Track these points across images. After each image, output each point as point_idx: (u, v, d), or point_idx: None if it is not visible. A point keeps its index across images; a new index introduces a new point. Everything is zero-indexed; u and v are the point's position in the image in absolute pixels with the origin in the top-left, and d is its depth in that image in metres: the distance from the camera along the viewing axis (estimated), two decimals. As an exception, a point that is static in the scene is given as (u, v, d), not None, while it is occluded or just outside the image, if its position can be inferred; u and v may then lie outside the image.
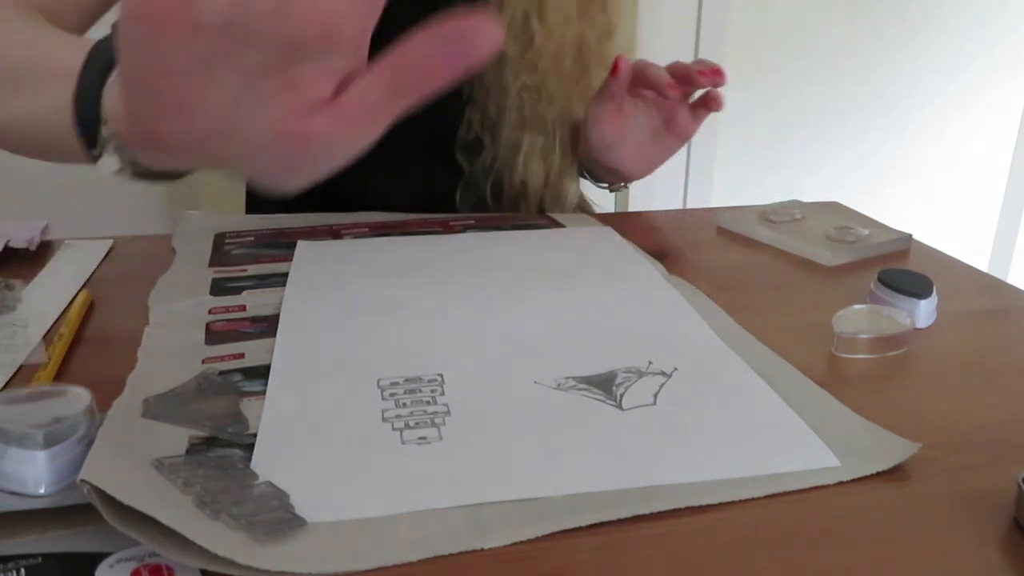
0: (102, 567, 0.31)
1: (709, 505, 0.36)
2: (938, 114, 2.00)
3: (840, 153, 1.94)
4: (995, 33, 1.97)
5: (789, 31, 1.83)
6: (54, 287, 0.58)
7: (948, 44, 1.95)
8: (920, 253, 0.69)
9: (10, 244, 0.63)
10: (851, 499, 0.37)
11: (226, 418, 0.41)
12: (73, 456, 0.34)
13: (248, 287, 0.58)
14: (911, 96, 1.96)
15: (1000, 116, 2.06)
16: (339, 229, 0.69)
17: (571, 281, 0.59)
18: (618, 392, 0.44)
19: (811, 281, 0.63)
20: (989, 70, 1.99)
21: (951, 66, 1.96)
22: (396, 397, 0.43)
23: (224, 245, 0.66)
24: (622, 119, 0.73)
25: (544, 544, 0.33)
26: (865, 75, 1.91)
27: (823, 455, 0.39)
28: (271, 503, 0.34)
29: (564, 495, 0.36)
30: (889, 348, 0.51)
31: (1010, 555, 0.34)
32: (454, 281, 0.59)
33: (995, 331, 0.56)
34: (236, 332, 0.51)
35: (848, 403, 0.44)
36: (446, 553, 0.33)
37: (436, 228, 0.70)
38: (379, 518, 0.34)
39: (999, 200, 2.15)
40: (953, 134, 2.03)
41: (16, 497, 0.34)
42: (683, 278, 0.60)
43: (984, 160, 2.09)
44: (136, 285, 0.57)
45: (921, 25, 1.91)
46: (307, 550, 0.32)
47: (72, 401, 0.36)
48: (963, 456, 0.40)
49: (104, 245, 0.67)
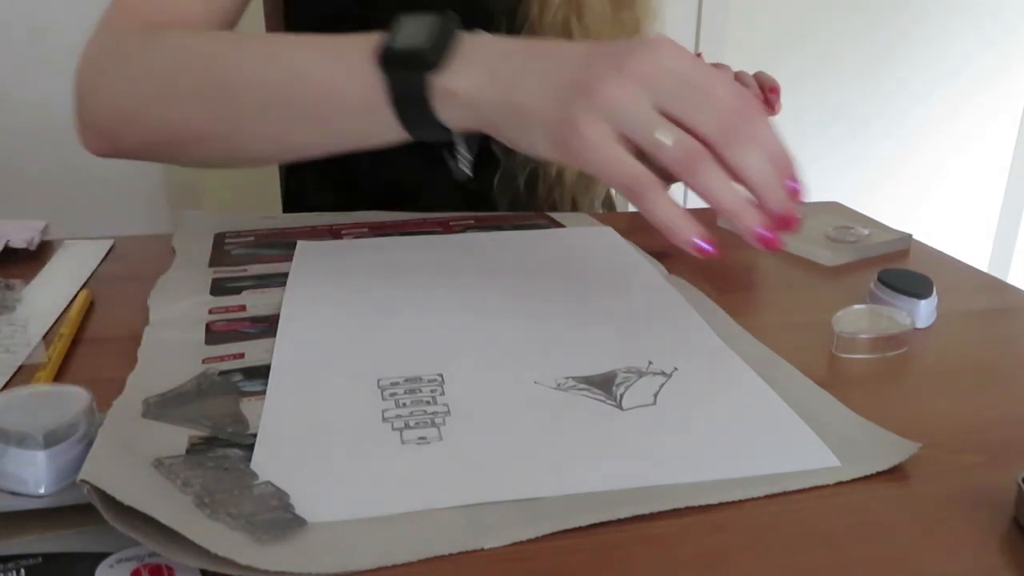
0: (102, 567, 0.31)
1: (709, 505, 0.36)
2: (938, 113, 2.00)
3: (840, 153, 1.94)
4: (995, 31, 1.97)
5: (788, 31, 1.83)
6: (54, 287, 0.58)
7: (948, 42, 1.95)
8: (920, 253, 0.69)
9: (10, 244, 0.63)
10: (851, 499, 0.37)
11: (226, 418, 0.41)
12: (73, 456, 0.34)
13: (248, 287, 0.58)
14: (911, 95, 1.96)
15: (1000, 115, 2.06)
16: (339, 229, 0.69)
17: (571, 281, 0.59)
18: (618, 392, 0.44)
19: (811, 281, 0.63)
20: (989, 68, 1.99)
21: (951, 64, 1.96)
22: (396, 397, 0.43)
23: (224, 245, 0.66)
24: None
25: (544, 544, 0.33)
26: (865, 74, 1.91)
27: (823, 455, 0.39)
28: (271, 503, 0.34)
29: (564, 495, 0.36)
30: (889, 348, 0.51)
31: (1010, 555, 0.34)
32: (454, 281, 0.59)
33: (995, 331, 0.56)
34: (236, 332, 0.51)
35: (848, 403, 0.44)
36: (446, 553, 0.33)
37: (436, 228, 0.70)
38: (379, 518, 0.34)
39: (999, 200, 2.15)
40: (953, 133, 2.03)
41: (16, 497, 0.34)
42: (683, 278, 0.60)
43: (984, 159, 2.09)
44: (136, 285, 0.57)
45: (920, 23, 1.91)
46: (307, 550, 0.32)
47: (72, 401, 0.36)
48: (963, 456, 0.40)
49: (104, 245, 0.67)
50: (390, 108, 0.48)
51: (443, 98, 0.47)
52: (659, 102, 0.42)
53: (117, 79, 0.57)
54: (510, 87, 0.45)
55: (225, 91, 0.52)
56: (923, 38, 1.93)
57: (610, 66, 0.43)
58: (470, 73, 0.46)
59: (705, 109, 0.42)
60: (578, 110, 0.42)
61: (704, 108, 0.42)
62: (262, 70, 0.51)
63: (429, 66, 0.46)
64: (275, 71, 0.51)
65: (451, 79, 0.46)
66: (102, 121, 0.58)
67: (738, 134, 0.42)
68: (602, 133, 0.42)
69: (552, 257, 0.65)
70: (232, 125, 0.53)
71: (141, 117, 0.56)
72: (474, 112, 0.47)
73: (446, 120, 0.48)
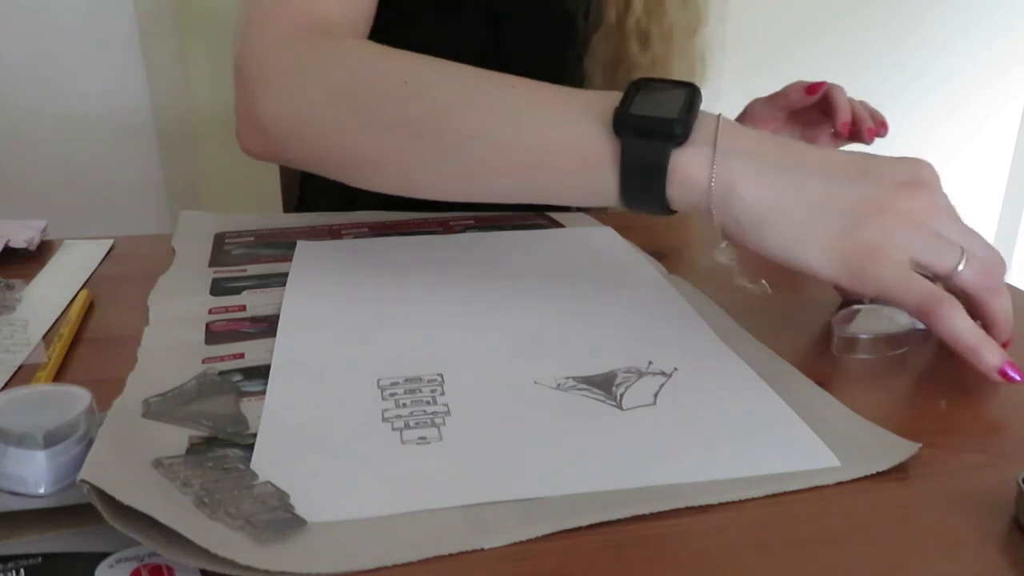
0: (102, 567, 0.31)
1: (709, 505, 0.36)
2: (938, 113, 2.00)
3: (840, 153, 1.94)
4: (994, 29, 1.97)
5: (787, 31, 1.83)
6: (54, 287, 0.58)
7: (947, 42, 1.95)
8: (920, 253, 0.69)
9: (10, 244, 0.63)
10: (851, 499, 0.37)
11: (226, 418, 0.41)
12: (73, 456, 0.34)
13: (248, 287, 0.58)
14: (911, 95, 1.96)
15: (1000, 115, 2.06)
16: (339, 229, 0.70)
17: (571, 281, 0.59)
18: (618, 392, 0.44)
19: (811, 281, 0.63)
20: (989, 68, 1.99)
21: (951, 65, 1.96)
22: (396, 397, 0.43)
23: (224, 245, 0.66)
24: (777, 126, 0.76)
25: (544, 544, 0.33)
26: (865, 74, 1.91)
27: (823, 455, 0.39)
28: (271, 503, 0.34)
29: (564, 495, 0.36)
30: (889, 348, 0.51)
31: (1010, 555, 0.34)
32: (454, 281, 0.59)
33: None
34: (236, 332, 0.51)
35: (848, 403, 0.44)
36: (446, 553, 0.33)
37: (436, 228, 0.70)
38: (379, 518, 0.34)
39: (999, 200, 2.15)
40: (953, 133, 2.03)
41: (16, 497, 0.34)
42: (683, 278, 0.60)
43: (984, 159, 2.09)
44: (136, 285, 0.57)
45: (919, 21, 1.92)
46: (307, 550, 0.32)
47: (72, 401, 0.36)
48: (963, 456, 0.40)
49: (104, 245, 0.67)
50: (614, 174, 0.46)
51: (682, 175, 0.45)
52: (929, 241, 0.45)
53: (304, 87, 0.54)
54: (781, 191, 0.44)
55: (432, 130, 0.49)
56: (923, 38, 1.93)
57: (894, 198, 0.44)
58: (728, 159, 0.44)
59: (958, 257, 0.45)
60: (876, 237, 0.44)
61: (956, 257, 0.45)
62: (478, 116, 0.49)
63: (672, 137, 0.44)
64: (492, 120, 0.48)
65: (697, 158, 0.44)
66: (273, 127, 0.55)
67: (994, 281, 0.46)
68: (901, 263, 0.44)
69: (552, 257, 0.65)
70: (428, 163, 0.51)
71: (325, 134, 0.53)
72: (710, 201, 0.45)
73: (673, 198, 0.46)
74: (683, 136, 0.44)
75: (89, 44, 1.60)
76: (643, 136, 0.44)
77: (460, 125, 0.49)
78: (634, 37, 0.77)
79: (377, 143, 0.51)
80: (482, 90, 0.50)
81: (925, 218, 0.44)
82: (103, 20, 1.59)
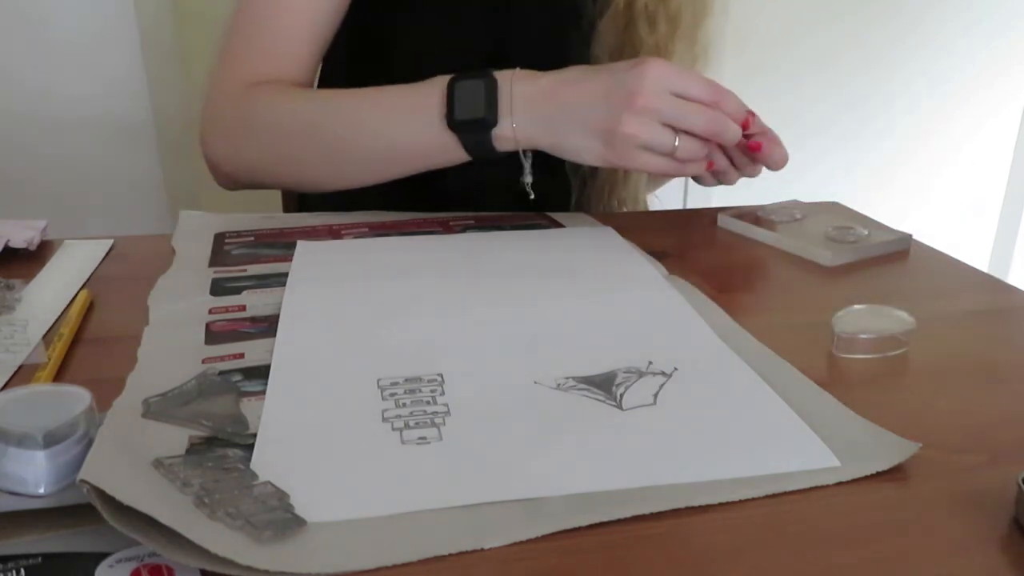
0: (102, 567, 0.31)
1: (709, 505, 0.36)
2: (938, 113, 2.00)
3: (840, 153, 1.94)
4: (994, 29, 1.97)
5: (787, 31, 1.83)
6: (54, 287, 0.58)
7: (947, 42, 1.95)
8: (920, 253, 0.69)
9: (10, 244, 0.63)
10: (851, 499, 0.37)
11: (226, 418, 0.41)
12: (73, 456, 0.34)
13: (248, 287, 0.58)
14: (911, 95, 1.96)
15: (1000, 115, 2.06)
16: (339, 229, 0.69)
17: (571, 281, 0.59)
18: (618, 392, 0.44)
19: (811, 281, 0.63)
20: (988, 68, 1.99)
21: (950, 64, 1.96)
22: (396, 397, 0.43)
23: (224, 245, 0.66)
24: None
25: (544, 544, 0.33)
26: (865, 73, 1.91)
27: (823, 455, 0.39)
28: (271, 503, 0.34)
29: (564, 495, 0.36)
30: (889, 348, 0.51)
31: (1010, 555, 0.34)
32: (454, 281, 0.59)
33: (995, 331, 0.56)
34: (236, 332, 0.51)
35: (848, 403, 0.44)
36: (446, 553, 0.33)
37: (436, 228, 0.70)
38: (379, 518, 0.34)
39: (999, 200, 2.15)
40: (953, 133, 2.03)
41: (16, 497, 0.34)
42: (683, 278, 0.60)
43: (984, 159, 2.09)
44: (136, 285, 0.57)
45: (919, 21, 1.91)
46: (307, 550, 0.32)
47: (72, 401, 0.36)
48: (963, 456, 0.40)
49: (104, 245, 0.67)
50: (462, 151, 0.68)
51: (502, 141, 0.67)
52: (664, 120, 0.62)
53: (240, 148, 0.74)
54: (557, 134, 0.66)
55: (329, 154, 0.71)
56: (922, 38, 1.93)
57: (624, 108, 0.62)
58: (522, 124, 0.66)
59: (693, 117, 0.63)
60: (615, 147, 0.63)
61: (692, 117, 0.63)
62: (357, 138, 0.70)
63: (489, 126, 0.66)
64: (367, 137, 0.69)
65: (507, 130, 0.66)
66: (231, 173, 0.76)
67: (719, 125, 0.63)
68: (636, 152, 0.63)
69: (552, 257, 0.65)
70: (335, 173, 0.72)
71: (262, 172, 0.75)
72: (528, 146, 0.67)
73: (505, 151, 0.68)
74: (493, 121, 0.66)
75: (89, 44, 1.60)
76: (470, 132, 0.66)
77: (352, 151, 0.71)
78: (642, 20, 0.79)
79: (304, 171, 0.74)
80: (358, 116, 0.70)
81: (645, 122, 0.62)
82: (103, 20, 1.59)
